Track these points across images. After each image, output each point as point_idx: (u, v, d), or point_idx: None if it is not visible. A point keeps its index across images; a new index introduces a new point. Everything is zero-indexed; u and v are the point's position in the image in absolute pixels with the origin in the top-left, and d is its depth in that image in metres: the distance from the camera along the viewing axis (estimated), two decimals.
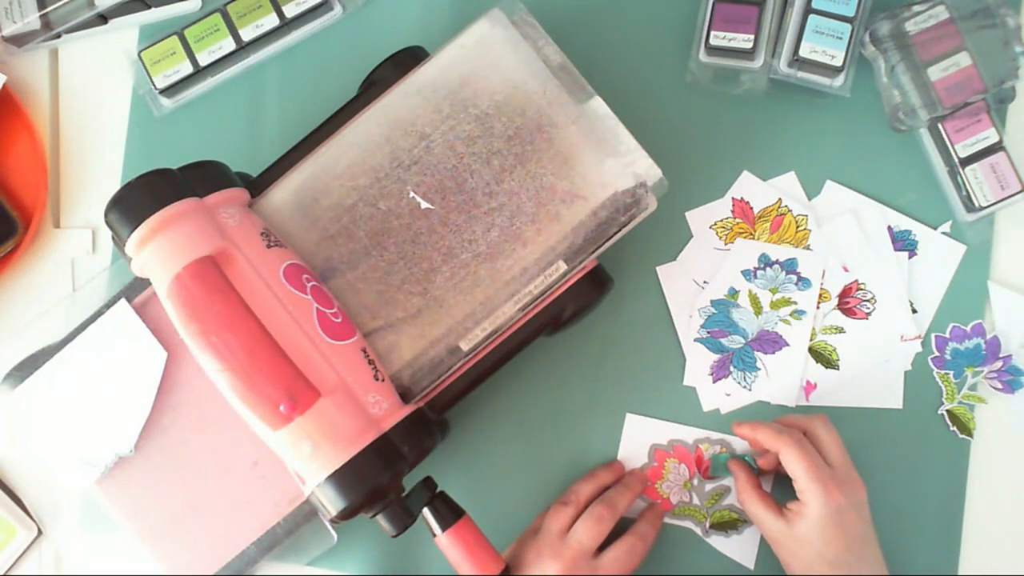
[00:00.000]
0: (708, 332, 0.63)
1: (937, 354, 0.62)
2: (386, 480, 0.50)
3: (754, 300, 0.63)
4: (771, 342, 0.62)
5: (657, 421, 0.62)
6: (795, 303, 0.62)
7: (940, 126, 0.61)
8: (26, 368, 0.59)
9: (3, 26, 0.64)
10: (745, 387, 0.62)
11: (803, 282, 0.62)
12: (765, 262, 0.63)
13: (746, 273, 0.63)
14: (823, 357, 0.62)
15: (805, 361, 0.62)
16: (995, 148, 0.61)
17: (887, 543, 0.56)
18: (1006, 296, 0.62)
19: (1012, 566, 0.61)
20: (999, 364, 0.61)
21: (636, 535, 0.58)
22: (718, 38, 0.61)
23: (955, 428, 0.61)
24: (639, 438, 0.62)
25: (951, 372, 0.62)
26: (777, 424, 0.57)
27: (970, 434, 0.61)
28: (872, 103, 0.63)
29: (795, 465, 0.54)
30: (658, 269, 0.63)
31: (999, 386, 0.61)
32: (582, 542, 0.56)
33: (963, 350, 0.61)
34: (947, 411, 0.61)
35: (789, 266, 0.62)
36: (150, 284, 0.52)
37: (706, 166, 0.64)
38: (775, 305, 0.62)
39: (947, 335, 0.62)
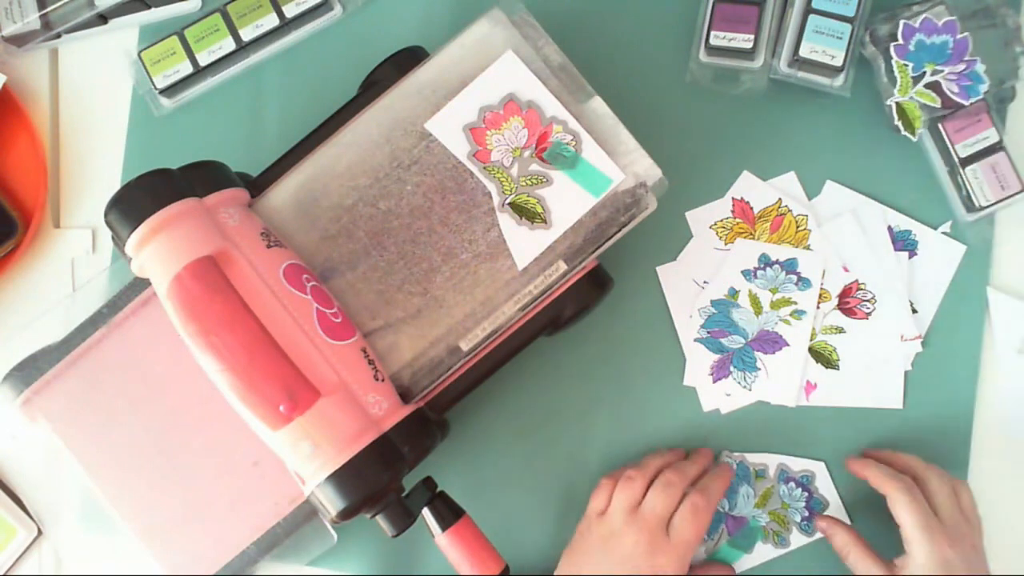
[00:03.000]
0: (708, 332, 0.63)
1: (901, 42, 0.59)
2: (386, 480, 0.50)
3: (754, 300, 0.63)
4: (771, 342, 0.62)
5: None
6: (795, 303, 0.62)
7: (940, 126, 0.61)
8: (26, 368, 0.59)
9: (3, 26, 0.64)
10: (745, 387, 0.62)
11: (803, 282, 0.62)
12: (765, 262, 0.63)
13: (746, 273, 0.63)
14: (823, 357, 0.62)
15: (805, 361, 0.62)
16: (995, 148, 0.61)
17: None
18: (1006, 297, 0.62)
19: (1012, 566, 0.61)
20: (962, 67, 0.58)
21: (696, 490, 0.55)
22: (718, 38, 0.61)
23: (900, 122, 0.59)
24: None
25: (911, 64, 0.59)
26: (889, 466, 0.56)
27: (913, 132, 0.59)
28: (872, 103, 0.63)
29: (903, 513, 0.53)
30: (658, 269, 0.63)
31: (955, 90, 0.58)
32: (655, 511, 0.54)
33: (928, 44, 0.58)
34: (896, 103, 0.59)
35: (789, 266, 0.62)
36: (150, 284, 0.52)
37: (706, 166, 0.64)
38: (775, 305, 0.62)
39: (916, 25, 0.58)
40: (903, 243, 0.63)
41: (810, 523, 0.61)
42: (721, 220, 0.63)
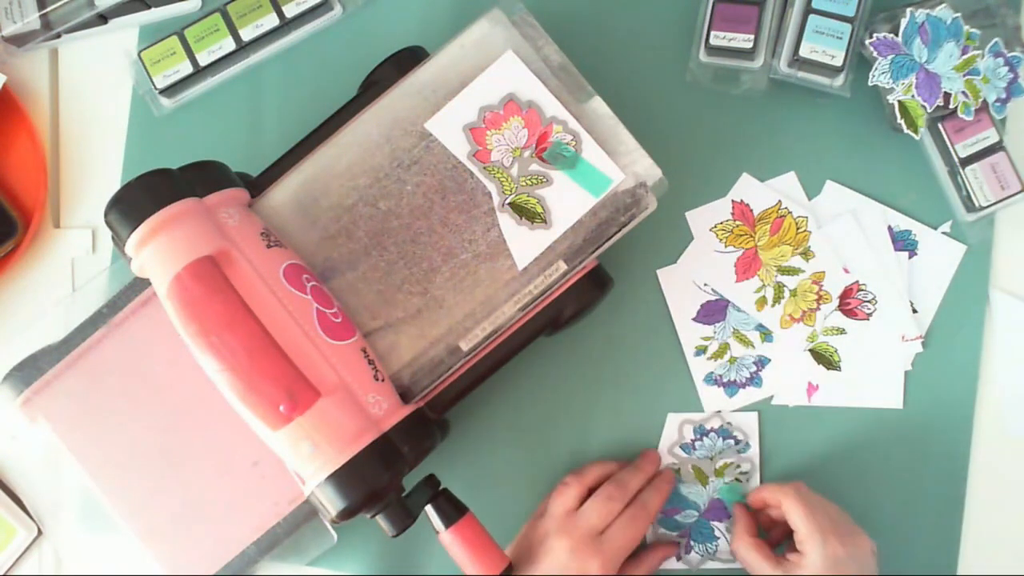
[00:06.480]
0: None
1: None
2: (386, 480, 0.50)
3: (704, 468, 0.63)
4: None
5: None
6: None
7: (940, 126, 0.61)
8: (26, 368, 0.59)
9: (3, 26, 0.64)
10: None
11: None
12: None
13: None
14: (824, 359, 0.62)
15: (807, 363, 0.62)
16: (995, 148, 0.61)
17: (887, 543, 0.56)
18: (1006, 296, 0.62)
19: (1012, 566, 0.61)
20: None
21: (637, 504, 0.58)
22: (718, 38, 0.61)
23: (902, 120, 0.59)
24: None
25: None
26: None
27: (916, 130, 0.59)
28: (872, 103, 0.63)
29: (795, 514, 0.55)
30: (659, 272, 0.63)
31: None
32: (590, 521, 0.56)
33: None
34: (899, 101, 0.59)
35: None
36: (150, 284, 0.52)
37: (706, 166, 0.64)
38: (719, 474, 0.62)
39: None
40: (903, 243, 0.63)
41: (1003, 106, 0.59)
42: (721, 223, 0.63)
